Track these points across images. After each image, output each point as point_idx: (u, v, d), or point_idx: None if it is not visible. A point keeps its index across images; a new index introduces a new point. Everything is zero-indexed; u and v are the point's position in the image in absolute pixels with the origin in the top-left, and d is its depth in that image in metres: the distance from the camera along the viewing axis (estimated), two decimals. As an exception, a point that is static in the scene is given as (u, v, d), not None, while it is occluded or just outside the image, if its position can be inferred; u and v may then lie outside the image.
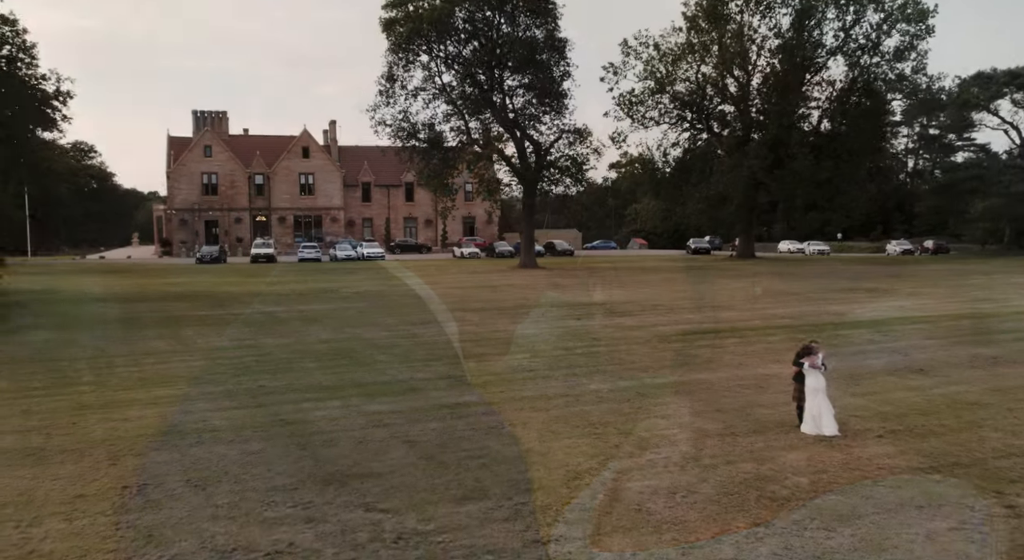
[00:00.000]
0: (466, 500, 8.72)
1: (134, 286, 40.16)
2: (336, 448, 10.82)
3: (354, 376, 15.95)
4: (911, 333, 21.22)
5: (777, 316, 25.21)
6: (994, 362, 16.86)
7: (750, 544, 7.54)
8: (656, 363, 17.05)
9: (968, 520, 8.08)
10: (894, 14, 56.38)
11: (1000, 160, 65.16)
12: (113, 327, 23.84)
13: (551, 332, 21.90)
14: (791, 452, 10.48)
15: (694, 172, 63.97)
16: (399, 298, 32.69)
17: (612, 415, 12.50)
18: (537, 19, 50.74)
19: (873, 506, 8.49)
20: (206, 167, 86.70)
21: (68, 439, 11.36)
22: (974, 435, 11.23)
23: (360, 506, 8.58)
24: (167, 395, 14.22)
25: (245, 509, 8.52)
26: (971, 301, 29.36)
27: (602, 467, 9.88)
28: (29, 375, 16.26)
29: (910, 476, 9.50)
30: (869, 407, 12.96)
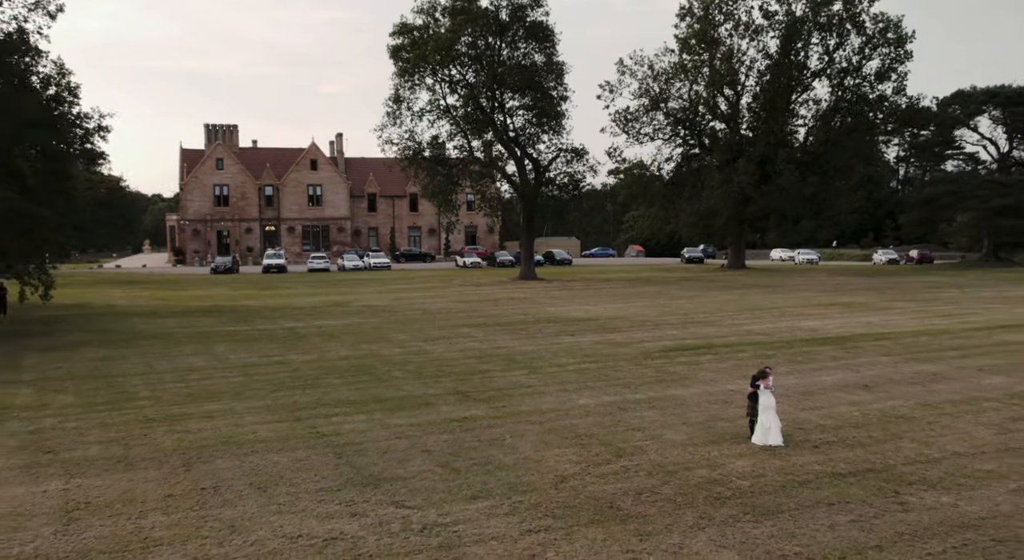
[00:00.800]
0: (475, 499, 10.92)
1: (158, 299, 42.36)
2: (366, 457, 13.03)
3: (375, 392, 18.16)
4: (870, 350, 23.39)
5: (752, 333, 27.39)
6: (932, 379, 19.05)
7: (693, 532, 9.73)
8: (638, 379, 19.25)
9: (865, 514, 10.28)
10: (875, 38, 58.66)
11: (979, 175, 67.35)
12: (153, 343, 26.06)
13: (547, 349, 24.10)
14: (739, 459, 12.67)
15: (686, 186, 66.19)
16: (408, 313, 34.86)
17: (596, 427, 14.70)
18: (536, 45, 52.96)
19: (794, 503, 10.69)
20: (218, 179, 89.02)
21: (144, 449, 13.57)
22: (892, 445, 13.42)
23: (391, 504, 10.78)
24: (217, 409, 16.43)
25: (301, 506, 10.72)
26: (934, 317, 31.52)
27: (584, 473, 12.08)
28: (93, 391, 18.48)
29: (831, 480, 11.69)
30: (813, 420, 15.15)
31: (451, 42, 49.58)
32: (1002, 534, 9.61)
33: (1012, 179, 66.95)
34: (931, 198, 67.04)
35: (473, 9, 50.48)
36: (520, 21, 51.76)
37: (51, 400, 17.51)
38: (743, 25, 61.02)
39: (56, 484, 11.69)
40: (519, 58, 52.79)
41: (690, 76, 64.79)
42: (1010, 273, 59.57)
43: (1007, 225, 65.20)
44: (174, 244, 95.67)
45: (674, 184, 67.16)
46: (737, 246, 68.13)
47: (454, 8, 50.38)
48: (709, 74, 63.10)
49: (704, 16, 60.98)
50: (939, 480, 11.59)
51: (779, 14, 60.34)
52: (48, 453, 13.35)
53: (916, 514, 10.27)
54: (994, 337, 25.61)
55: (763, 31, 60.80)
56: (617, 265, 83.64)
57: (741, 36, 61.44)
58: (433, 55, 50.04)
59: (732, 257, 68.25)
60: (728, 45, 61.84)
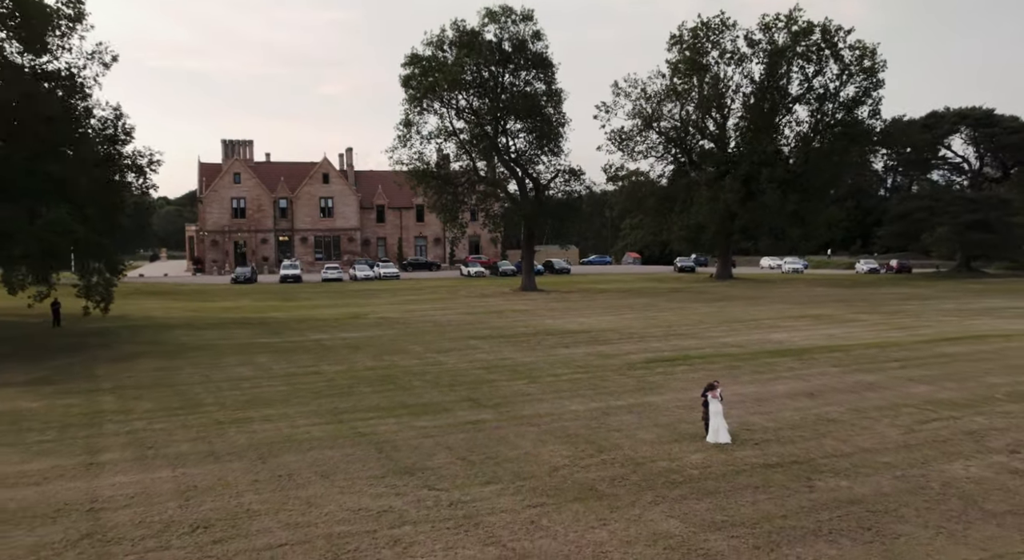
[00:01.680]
0: (488, 484, 14.13)
1: (191, 311, 45.60)
2: (401, 452, 16.23)
3: (400, 399, 21.38)
4: (823, 362, 26.58)
5: (726, 345, 30.59)
6: (868, 387, 22.25)
7: (650, 507, 12.94)
8: (621, 388, 22.46)
9: (780, 494, 13.47)
10: (851, 65, 61.96)
11: (951, 191, 70.52)
12: (201, 354, 29.29)
13: (545, 360, 27.31)
14: (694, 454, 15.87)
15: (677, 201, 69.42)
16: (420, 325, 38.07)
17: (583, 429, 17.91)
18: (537, 74, 56.22)
19: (730, 487, 13.88)
20: (235, 192, 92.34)
21: (224, 445, 16.79)
22: (817, 443, 16.62)
23: (424, 487, 13.98)
24: (273, 413, 19.65)
25: (357, 488, 13.93)
26: (891, 329, 34.70)
27: (572, 464, 15.28)
28: (166, 398, 21.70)
29: (762, 469, 14.89)
30: (759, 423, 18.34)
31: (458, 74, 52.84)
32: (877, 507, 12.81)
33: (981, 196, 70.17)
34: (905, 213, 70.24)
35: (478, 42, 53.77)
36: (522, 52, 55.02)
37: (134, 406, 20.74)
38: (729, 53, 64.34)
39: (165, 473, 14.92)
40: (522, 86, 56.05)
41: (680, 99, 68.07)
42: (978, 284, 62.76)
43: (976, 239, 68.42)
44: (193, 253, 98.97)
45: (666, 198, 70.36)
46: (724, 258, 71.30)
47: (461, 42, 53.70)
48: (698, 97, 66.38)
49: (693, 45, 64.26)
50: (844, 469, 14.79)
51: (762, 42, 63.66)
52: (150, 448, 16.57)
53: (818, 494, 13.48)
54: (935, 349, 28.79)
55: (747, 58, 64.17)
56: (613, 274, 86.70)
57: (727, 63, 64.80)
58: (441, 84, 53.31)
59: (720, 268, 71.44)
60: (715, 71, 65.13)
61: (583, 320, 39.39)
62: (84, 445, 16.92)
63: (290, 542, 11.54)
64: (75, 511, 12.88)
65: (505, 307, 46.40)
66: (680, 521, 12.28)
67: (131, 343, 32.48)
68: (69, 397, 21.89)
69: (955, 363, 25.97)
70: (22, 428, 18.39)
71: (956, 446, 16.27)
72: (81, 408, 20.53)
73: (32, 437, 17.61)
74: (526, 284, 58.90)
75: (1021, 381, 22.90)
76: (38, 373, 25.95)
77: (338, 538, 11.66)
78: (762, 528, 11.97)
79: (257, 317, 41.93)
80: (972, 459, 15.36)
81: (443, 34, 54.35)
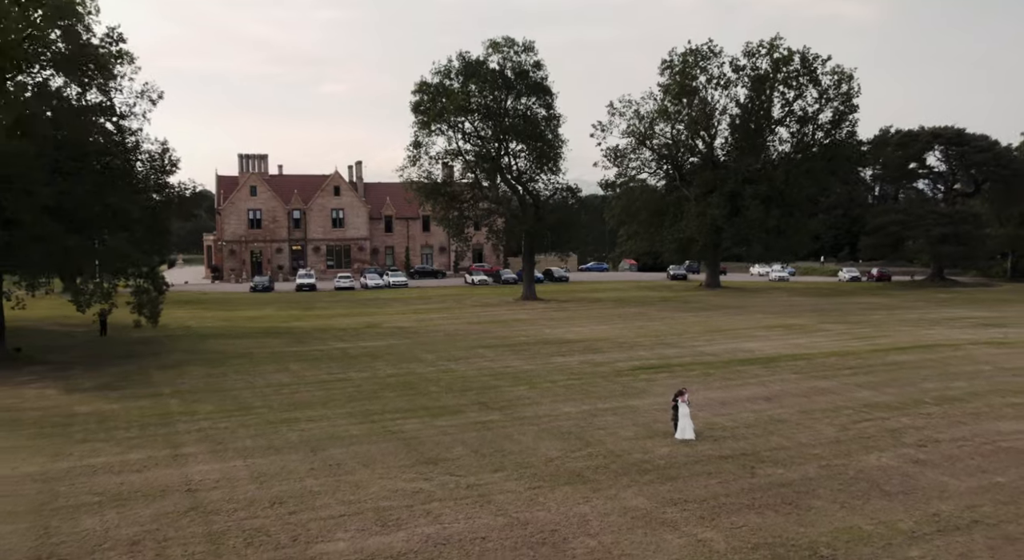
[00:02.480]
0: (497, 471, 17.43)
1: (222, 320, 48.93)
2: (425, 446, 19.54)
3: (420, 402, 24.69)
4: (786, 369, 29.87)
5: (704, 354, 33.88)
6: (819, 392, 25.54)
7: (624, 489, 16.24)
8: (608, 393, 25.76)
9: (727, 479, 16.75)
10: (828, 90, 65.42)
11: (924, 206, 73.76)
12: (241, 362, 32.61)
13: (543, 368, 30.61)
14: (663, 448, 19.16)
15: (668, 215, 72.70)
16: (431, 334, 41.35)
17: (574, 427, 21.21)
18: (537, 98, 59.61)
19: (688, 473, 17.17)
20: (252, 205, 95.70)
21: (280, 441, 20.09)
22: (765, 439, 19.91)
23: (447, 473, 17.28)
24: (315, 415, 22.97)
25: (392, 475, 17.23)
26: (852, 339, 37.96)
27: (564, 456, 18.59)
28: (221, 401, 25.03)
29: (716, 460, 18.17)
30: (721, 423, 21.64)
31: (463, 101, 56.21)
32: (801, 488, 16.10)
33: (952, 210, 73.46)
34: (881, 226, 73.52)
35: (483, 71, 57.13)
36: (523, 80, 58.36)
37: (196, 408, 24.06)
38: (716, 78, 67.69)
39: (238, 462, 18.24)
40: (523, 111, 59.41)
41: (671, 119, 71.28)
42: (946, 293, 66.05)
43: (948, 251, 71.72)
44: (211, 261, 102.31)
45: (657, 212, 73.63)
46: (712, 268, 74.52)
47: (466, 71, 57.08)
48: (687, 118, 69.70)
49: (682, 70, 67.59)
50: (781, 460, 18.10)
51: (747, 68, 66.99)
52: (220, 443, 19.89)
53: (757, 479, 16.79)
54: (886, 358, 32.07)
55: (733, 83, 67.50)
56: (609, 282, 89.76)
57: (714, 87, 68.12)
58: (448, 110, 56.69)
59: (708, 277, 74.68)
60: (703, 94, 68.44)
61: (578, 330, 42.65)
62: (165, 441, 20.26)
63: (346, 514, 14.86)
64: (176, 491, 16.21)
65: (508, 317, 49.69)
66: (646, 499, 15.59)
67: (176, 352, 35.79)
68: (139, 400, 25.21)
69: (900, 371, 29.25)
70: (110, 427, 21.73)
71: (877, 442, 19.58)
72: (152, 410, 23.86)
73: (121, 434, 20.95)
74: (527, 294, 62.13)
75: (951, 387, 26.20)
76: (102, 379, 29.27)
77: (383, 511, 14.98)
78: (708, 504, 15.28)
79: (283, 326, 45.23)
80: (886, 452, 18.67)
81: (450, 64, 57.79)
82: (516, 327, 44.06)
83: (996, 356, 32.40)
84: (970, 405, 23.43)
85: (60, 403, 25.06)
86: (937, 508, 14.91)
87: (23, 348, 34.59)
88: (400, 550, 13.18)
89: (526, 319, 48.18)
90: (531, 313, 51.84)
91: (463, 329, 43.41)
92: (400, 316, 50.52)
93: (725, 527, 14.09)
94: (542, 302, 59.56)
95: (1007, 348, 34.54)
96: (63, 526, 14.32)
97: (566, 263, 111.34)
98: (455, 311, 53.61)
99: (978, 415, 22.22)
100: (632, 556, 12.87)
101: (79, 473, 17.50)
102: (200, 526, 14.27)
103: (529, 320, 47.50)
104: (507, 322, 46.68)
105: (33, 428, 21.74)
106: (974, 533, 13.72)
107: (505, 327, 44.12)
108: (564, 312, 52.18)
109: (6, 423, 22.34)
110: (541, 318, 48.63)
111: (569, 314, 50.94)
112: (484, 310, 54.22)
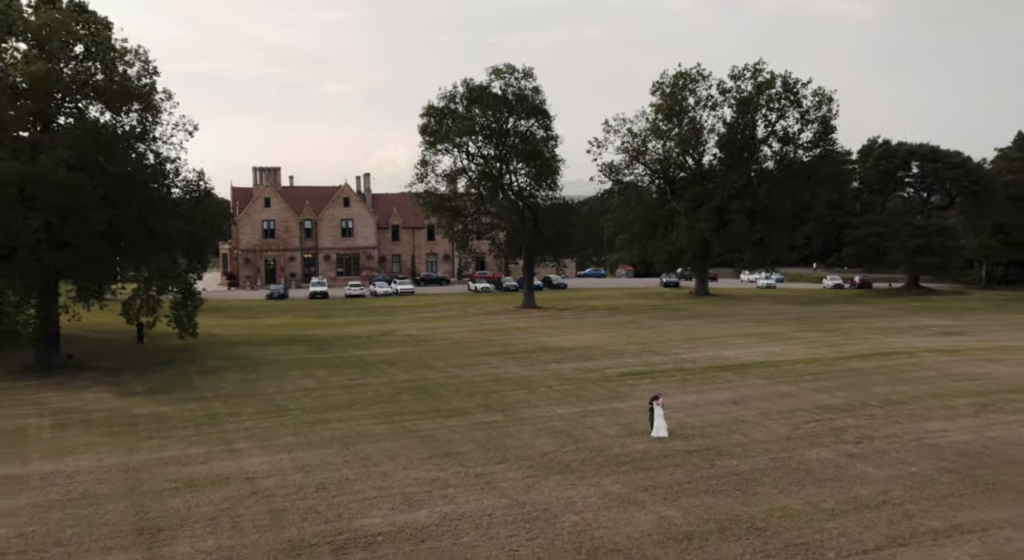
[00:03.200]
0: (500, 463, 20.58)
1: (245, 328, 52.10)
2: (439, 443, 22.69)
3: (433, 405, 27.85)
4: (756, 375, 32.99)
5: (685, 361, 37.01)
6: (780, 396, 28.67)
7: (605, 476, 19.38)
8: (597, 396, 28.91)
9: (690, 469, 19.90)
10: (808, 112, 68.75)
11: (901, 218, 76.86)
12: (270, 368, 35.76)
13: (540, 374, 33.76)
14: (641, 444, 22.31)
15: (659, 227, 75.96)
16: (439, 342, 44.49)
17: (566, 427, 24.36)
18: (536, 120, 62.90)
19: (659, 465, 20.30)
20: (266, 215, 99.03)
21: (316, 438, 23.25)
22: (727, 437, 23.05)
23: (459, 465, 20.44)
24: (342, 416, 26.13)
25: (414, 466, 20.38)
26: (821, 346, 41.07)
27: (557, 451, 21.74)
28: (259, 403, 28.20)
29: (684, 454, 21.30)
30: (692, 423, 24.77)
31: (468, 124, 59.52)
32: (751, 477, 19.23)
33: (927, 223, 76.63)
34: (861, 238, 76.74)
35: (485, 97, 60.43)
36: (523, 103, 61.68)
37: (239, 410, 27.23)
38: (703, 99, 71.02)
39: (284, 456, 21.40)
40: (523, 132, 62.72)
41: (663, 137, 74.59)
42: (919, 302, 69.19)
43: (923, 262, 74.98)
44: (226, 269, 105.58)
45: (649, 225, 76.88)
46: (701, 277, 77.65)
47: (470, 96, 60.40)
48: (677, 137, 72.98)
49: (672, 93, 70.89)
50: (738, 454, 21.24)
51: (732, 90, 70.32)
52: (265, 440, 23.05)
53: (715, 469, 19.92)
54: (846, 365, 35.19)
55: (720, 104, 70.83)
56: (605, 288, 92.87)
57: (702, 108, 71.43)
58: (454, 132, 59.99)
59: (697, 285, 77.84)
60: (692, 115, 71.72)
61: (573, 338, 45.80)
62: (219, 438, 23.43)
63: (378, 496, 18.02)
64: (237, 479, 19.38)
65: (509, 325, 52.84)
66: (622, 485, 18.74)
67: (211, 358, 38.95)
68: (188, 404, 28.39)
69: (855, 376, 32.38)
70: (169, 426, 24.91)
71: (820, 439, 22.72)
72: (201, 412, 27.04)
73: (179, 433, 24.13)
74: (526, 302, 65.31)
75: (897, 391, 29.32)
76: (151, 384, 32.45)
77: (408, 494, 18.14)
78: (672, 489, 18.44)
79: (302, 334, 48.40)
80: (826, 447, 21.82)
81: (455, 90, 61.18)
82: (516, 335, 47.21)
83: (946, 363, 35.52)
84: (909, 407, 26.57)
85: (120, 406, 28.25)
86: (857, 492, 18.07)
87: (73, 355, 37.79)
88: (423, 524, 16.34)
89: (526, 327, 51.33)
90: (530, 321, 54.98)
91: (468, 337, 46.55)
92: (410, 324, 53.66)
93: (684, 507, 17.24)
94: (541, 310, 62.71)
95: (957, 355, 37.67)
96: (153, 505, 17.50)
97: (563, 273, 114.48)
98: (460, 319, 56.75)
99: (913, 416, 25.37)
100: (607, 528, 16.03)
101: (153, 464, 20.69)
102: (262, 506, 17.44)
103: (528, 328, 50.65)
104: (508, 330, 49.82)
105: (103, 427, 24.92)
106: (881, 511, 16.86)
107: (506, 335, 47.27)
108: (560, 320, 55.33)
109: (79, 423, 25.53)
110: (539, 326, 51.77)
111: (565, 322, 54.08)
112: (487, 318, 57.36)
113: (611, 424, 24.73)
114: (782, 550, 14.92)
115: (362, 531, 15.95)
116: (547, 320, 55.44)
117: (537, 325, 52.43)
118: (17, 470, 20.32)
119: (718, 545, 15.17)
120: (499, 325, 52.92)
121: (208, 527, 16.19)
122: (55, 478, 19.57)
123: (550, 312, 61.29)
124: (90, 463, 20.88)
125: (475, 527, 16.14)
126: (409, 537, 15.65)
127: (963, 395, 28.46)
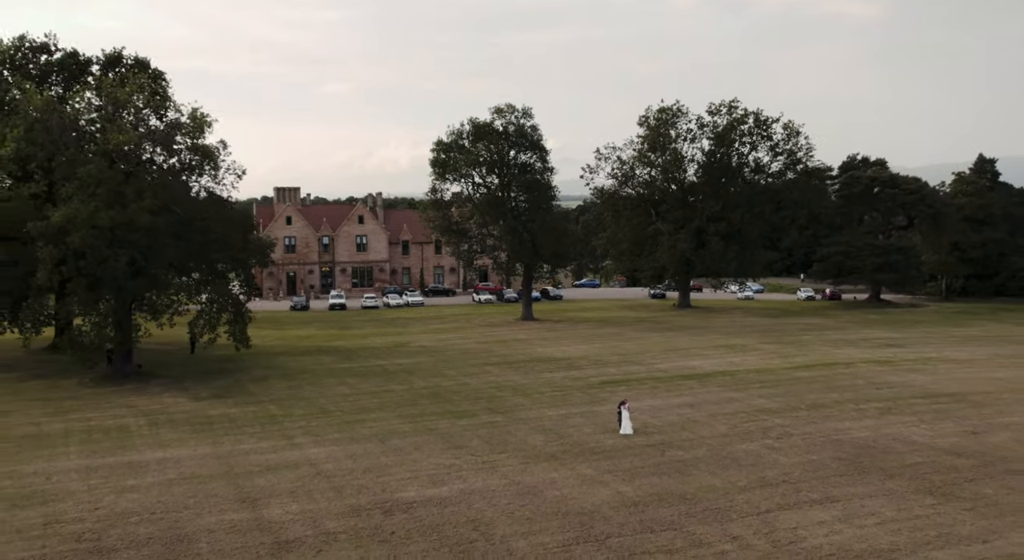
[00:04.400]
0: (501, 453, 26.06)
1: (278, 339, 57.59)
2: (453, 438, 28.17)
3: (446, 408, 33.35)
4: (715, 383, 38.42)
5: (658, 370, 42.45)
6: (728, 401, 34.10)
7: (581, 463, 24.86)
8: (580, 401, 34.38)
9: (646, 458, 25.35)
10: (778, 146, 74.47)
11: (863, 238, 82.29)
12: (308, 376, 41.23)
13: (535, 381, 39.23)
14: (610, 440, 27.77)
15: (646, 245, 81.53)
16: (449, 353, 49.96)
17: (554, 426, 29.84)
18: (534, 153, 68.64)
19: (622, 455, 25.77)
20: (287, 232, 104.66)
21: (356, 434, 28.74)
22: (679, 434, 28.49)
23: (470, 455, 25.92)
24: (376, 417, 31.64)
25: (435, 455, 25.86)
26: (776, 357, 46.47)
27: (546, 445, 27.22)
28: (306, 406, 33.70)
29: (643, 447, 26.75)
30: (652, 423, 30.21)
31: (474, 158, 65.27)
32: (689, 464, 24.68)
33: (887, 243, 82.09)
34: (827, 256, 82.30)
35: (489, 132, 66.19)
36: (523, 138, 67.44)
37: (291, 412, 32.72)
38: (684, 133, 76.73)
39: (335, 447, 26.86)
40: (523, 163, 68.46)
41: (648, 165, 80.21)
42: (876, 315, 74.59)
43: (883, 278, 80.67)
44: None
45: (636, 243, 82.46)
46: (684, 290, 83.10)
47: (476, 133, 66.19)
48: (662, 165, 78.62)
49: (656, 127, 76.60)
50: (684, 446, 26.71)
51: (709, 125, 76.07)
52: (317, 436, 28.52)
53: (665, 458, 25.40)
54: (792, 374, 40.61)
55: (699, 137, 76.54)
56: (597, 300, 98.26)
57: (683, 140, 77.10)
58: (460, 164, 65.74)
59: (680, 298, 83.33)
60: (674, 146, 77.38)
61: (565, 348, 51.25)
62: (280, 434, 28.94)
63: (411, 477, 23.52)
64: (303, 465, 24.90)
65: (509, 337, 58.30)
66: (593, 470, 24.24)
67: (257, 368, 44.43)
68: (249, 406, 33.91)
69: (796, 384, 37.82)
70: (239, 424, 30.44)
71: (751, 436, 28.19)
72: (261, 413, 32.55)
73: (249, 430, 29.65)
74: (525, 314, 70.79)
75: (826, 397, 34.71)
76: (213, 390, 37.94)
77: (433, 475, 23.65)
78: (629, 472, 23.92)
79: (329, 346, 53.91)
80: (754, 442, 27.29)
81: (462, 128, 67.02)
82: (515, 346, 52.69)
83: (876, 373, 40.95)
84: (828, 410, 32.05)
85: (195, 408, 33.75)
86: (766, 474, 23.55)
87: (142, 365, 43.30)
88: (445, 496, 21.83)
89: (524, 339, 56.81)
90: (528, 333, 60.44)
91: (473, 348, 52.02)
92: (422, 335, 59.14)
93: (636, 485, 22.73)
94: (538, 322, 68.18)
95: (888, 366, 43.11)
96: (245, 483, 23.02)
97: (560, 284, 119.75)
98: (466, 331, 62.24)
99: (829, 417, 30.84)
100: (578, 499, 21.52)
101: (236, 454, 26.20)
102: (326, 483, 22.96)
103: (526, 340, 56.13)
104: (508, 342, 55.29)
105: (187, 426, 30.44)
106: (779, 487, 22.35)
107: (507, 346, 52.74)
108: (555, 332, 60.79)
109: (167, 422, 31.05)
110: (536, 338, 57.24)
111: (558, 334, 59.55)
112: (490, 330, 62.84)
113: (589, 424, 30.21)
114: (700, 513, 20.41)
115: (402, 500, 21.45)
116: (543, 332, 60.91)
117: (534, 337, 57.89)
118: (136, 457, 25.85)
119: (656, 509, 20.67)
120: (501, 337, 58.37)
121: (290, 497, 21.70)
122: (166, 463, 25.10)
123: (546, 324, 66.75)
124: (188, 452, 26.41)
125: (483, 498, 21.62)
126: (436, 505, 21.15)
127: (877, 400, 33.93)
